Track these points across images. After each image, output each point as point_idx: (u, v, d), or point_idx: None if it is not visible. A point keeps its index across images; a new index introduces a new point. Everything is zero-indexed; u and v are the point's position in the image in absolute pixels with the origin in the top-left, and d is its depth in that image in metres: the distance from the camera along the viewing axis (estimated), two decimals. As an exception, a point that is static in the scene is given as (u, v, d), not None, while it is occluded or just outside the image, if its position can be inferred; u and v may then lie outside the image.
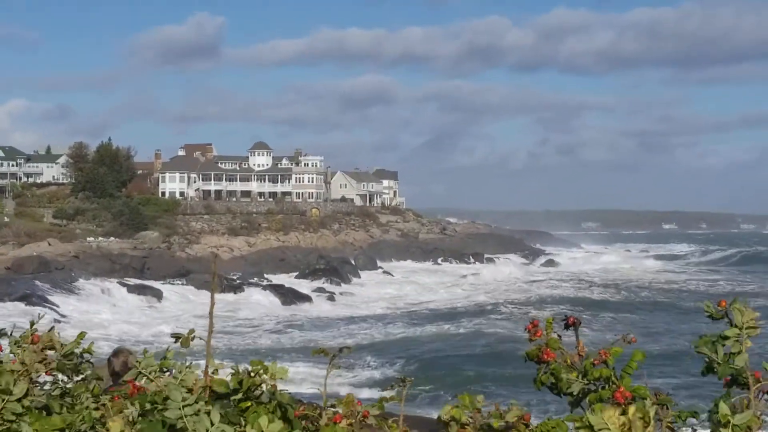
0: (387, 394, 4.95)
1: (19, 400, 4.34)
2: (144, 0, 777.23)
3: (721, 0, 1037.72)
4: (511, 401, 4.49)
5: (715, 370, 3.83)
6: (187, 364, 4.51)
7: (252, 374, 4.40)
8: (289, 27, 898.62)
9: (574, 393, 4.13)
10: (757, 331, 3.79)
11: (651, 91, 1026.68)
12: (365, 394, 39.12)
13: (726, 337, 3.78)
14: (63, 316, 73.64)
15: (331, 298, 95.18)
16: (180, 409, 3.92)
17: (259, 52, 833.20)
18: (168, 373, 4.58)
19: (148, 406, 4.25)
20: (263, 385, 4.40)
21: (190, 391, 4.20)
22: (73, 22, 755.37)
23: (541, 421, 4.25)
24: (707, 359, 3.88)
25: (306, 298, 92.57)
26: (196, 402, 3.96)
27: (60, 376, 4.94)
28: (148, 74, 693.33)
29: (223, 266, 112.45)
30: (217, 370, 4.54)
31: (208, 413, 3.91)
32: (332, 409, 4.63)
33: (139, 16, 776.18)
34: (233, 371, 4.46)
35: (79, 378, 4.97)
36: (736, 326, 3.75)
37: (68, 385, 4.95)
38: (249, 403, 4.32)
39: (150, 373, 4.56)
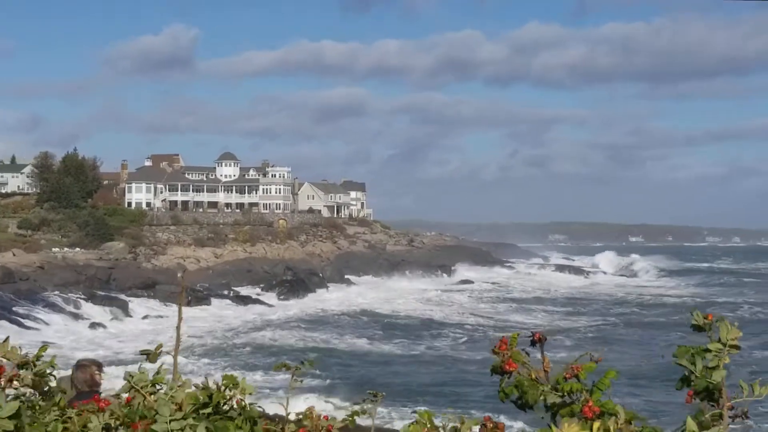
0: (357, 407, 4.92)
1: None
2: (120, 11, 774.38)
3: (693, 16, 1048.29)
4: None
5: (692, 383, 3.83)
6: (181, 380, 4.49)
7: (221, 389, 4.36)
8: (264, 39, 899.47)
9: (549, 403, 4.13)
10: (738, 350, 3.80)
11: (622, 105, 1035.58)
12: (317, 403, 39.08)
13: (708, 351, 3.78)
14: (27, 327, 73.18)
15: (297, 308, 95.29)
16: (167, 423, 3.90)
17: (233, 64, 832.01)
18: (159, 389, 4.53)
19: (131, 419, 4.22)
20: (232, 400, 4.36)
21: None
22: (47, 32, 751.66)
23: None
24: (686, 372, 3.88)
25: (272, 309, 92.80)
26: (184, 418, 3.95)
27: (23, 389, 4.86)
28: (121, 85, 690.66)
29: (190, 277, 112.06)
30: (183, 384, 4.50)
31: (194, 429, 3.90)
32: (296, 424, 4.60)
33: (114, 27, 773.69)
34: (203, 386, 4.42)
35: (43, 392, 4.89)
36: (719, 341, 3.75)
37: (30, 399, 4.87)
38: (218, 418, 4.28)
39: (142, 389, 4.50)
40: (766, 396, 3.77)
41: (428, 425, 4.38)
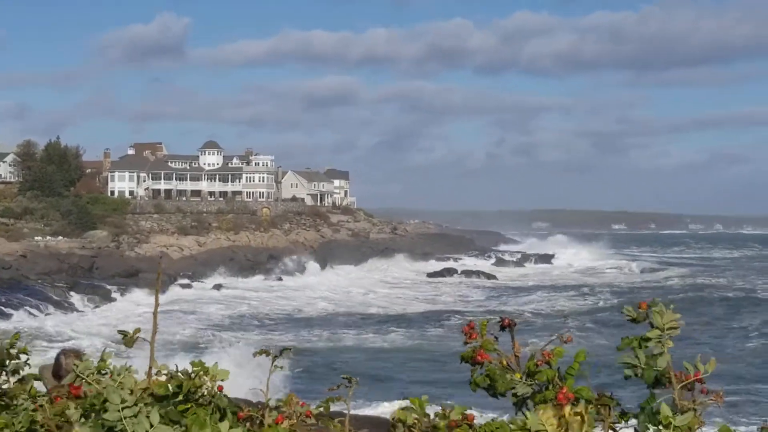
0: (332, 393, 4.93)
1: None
2: (111, 0, 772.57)
3: (680, 4, 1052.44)
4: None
5: (638, 374, 3.84)
6: (127, 365, 4.46)
7: (192, 376, 4.34)
8: (255, 28, 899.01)
9: (519, 394, 4.12)
10: (677, 331, 3.81)
11: (609, 93, 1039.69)
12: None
13: (648, 339, 3.79)
14: (8, 316, 72.96)
15: (278, 297, 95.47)
16: (119, 411, 3.88)
17: (223, 53, 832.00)
18: (107, 376, 4.50)
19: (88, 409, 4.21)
20: (203, 387, 4.35)
21: (130, 392, 4.15)
22: (38, 21, 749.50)
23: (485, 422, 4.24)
24: (627, 364, 3.90)
25: (252, 300, 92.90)
26: (136, 404, 3.92)
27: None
28: (111, 74, 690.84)
29: (173, 266, 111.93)
30: (160, 371, 4.49)
31: (148, 414, 3.87)
32: (275, 410, 4.60)
33: (105, 16, 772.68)
34: (171, 373, 4.41)
35: (16, 379, 4.90)
36: (657, 328, 3.76)
37: (4, 386, 4.87)
38: (189, 405, 4.27)
39: (88, 377, 4.49)
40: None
41: (418, 411, 4.40)
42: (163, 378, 4.45)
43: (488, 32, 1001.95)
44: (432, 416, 4.44)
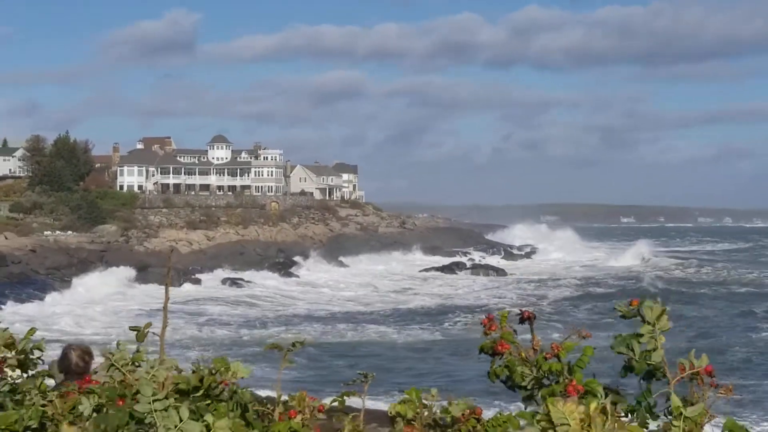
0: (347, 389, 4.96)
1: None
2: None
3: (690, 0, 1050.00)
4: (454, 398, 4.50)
5: (631, 366, 3.88)
6: (160, 359, 4.50)
7: (213, 372, 4.37)
8: (264, 23, 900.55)
9: (527, 387, 4.14)
10: (668, 327, 3.85)
11: (617, 88, 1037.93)
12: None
13: (640, 335, 3.84)
14: (17, 311, 73.10)
15: (289, 291, 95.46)
16: (150, 403, 3.92)
17: (232, 48, 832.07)
18: (139, 367, 4.54)
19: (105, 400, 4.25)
20: (224, 384, 4.39)
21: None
22: (48, 19, 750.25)
23: (493, 415, 4.27)
24: (626, 359, 3.93)
25: (263, 295, 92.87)
26: (166, 398, 3.96)
27: (9, 372, 4.90)
28: (121, 70, 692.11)
29: (182, 260, 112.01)
30: (164, 362, 4.52)
31: (178, 409, 3.91)
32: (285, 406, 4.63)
33: (116, 13, 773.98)
34: (194, 368, 4.44)
35: (29, 374, 4.93)
36: (648, 323, 3.80)
37: (17, 381, 4.90)
38: (209, 401, 4.31)
39: (122, 367, 4.53)
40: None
41: (417, 404, 4.41)
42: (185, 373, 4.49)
43: (497, 27, 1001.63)
44: (437, 410, 4.46)
